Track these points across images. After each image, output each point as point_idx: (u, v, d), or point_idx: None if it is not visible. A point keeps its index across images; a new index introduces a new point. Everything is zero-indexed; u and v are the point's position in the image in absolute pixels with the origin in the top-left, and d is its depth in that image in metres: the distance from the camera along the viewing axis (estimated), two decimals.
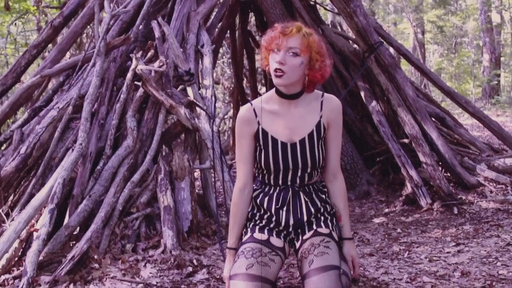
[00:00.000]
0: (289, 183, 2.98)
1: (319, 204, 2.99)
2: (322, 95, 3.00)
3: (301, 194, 2.98)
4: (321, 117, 2.95)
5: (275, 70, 2.79)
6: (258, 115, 2.97)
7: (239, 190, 3.03)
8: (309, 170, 2.95)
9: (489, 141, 9.01)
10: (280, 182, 2.99)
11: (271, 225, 2.97)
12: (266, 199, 3.00)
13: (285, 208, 2.97)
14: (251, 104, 3.02)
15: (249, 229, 3.00)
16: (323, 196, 3.03)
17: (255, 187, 3.08)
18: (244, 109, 3.01)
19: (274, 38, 2.82)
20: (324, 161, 3.03)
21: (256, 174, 3.11)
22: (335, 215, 3.04)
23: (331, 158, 3.02)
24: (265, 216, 2.99)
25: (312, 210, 2.97)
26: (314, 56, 2.85)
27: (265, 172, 3.00)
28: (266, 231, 2.95)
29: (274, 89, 2.96)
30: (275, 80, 2.83)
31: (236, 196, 3.05)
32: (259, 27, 9.02)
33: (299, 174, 2.96)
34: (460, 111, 14.04)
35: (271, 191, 3.00)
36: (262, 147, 2.94)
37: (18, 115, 8.59)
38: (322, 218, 2.97)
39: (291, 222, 2.96)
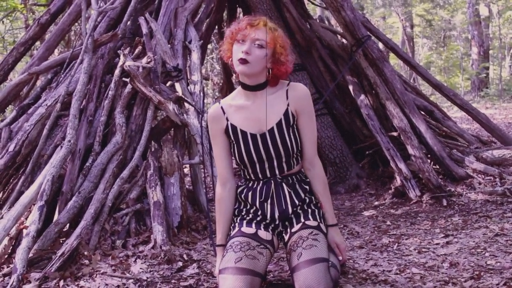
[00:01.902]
0: (269, 175, 3.00)
1: (303, 195, 3.02)
2: (288, 84, 3.04)
3: (284, 185, 3.01)
4: (288, 105, 2.98)
5: (240, 59, 2.83)
6: (226, 111, 3.02)
7: (220, 187, 3.09)
8: (284, 159, 2.99)
9: (478, 133, 9.06)
10: (260, 175, 3.02)
11: (258, 219, 2.99)
12: (250, 193, 3.03)
13: (269, 201, 3.00)
14: (219, 103, 3.10)
15: (236, 224, 3.02)
16: (307, 187, 3.05)
17: (239, 183, 3.11)
18: (212, 108, 3.09)
19: (241, 29, 2.88)
20: (300, 149, 3.05)
21: (239, 172, 3.14)
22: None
23: (306, 146, 3.05)
24: (251, 210, 3.02)
25: (296, 201, 2.99)
26: (279, 50, 2.93)
27: (242, 166, 3.04)
28: (253, 225, 2.97)
29: (240, 85, 3.03)
30: (238, 68, 2.89)
31: (218, 193, 3.10)
32: None
33: (275, 164, 2.99)
34: (449, 104, 14.10)
35: (255, 185, 3.03)
36: (234, 142, 3.00)
37: (7, 113, 8.56)
38: (310, 210, 2.99)
39: (277, 214, 2.98)
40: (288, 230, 2.97)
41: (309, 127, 3.05)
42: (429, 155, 6.19)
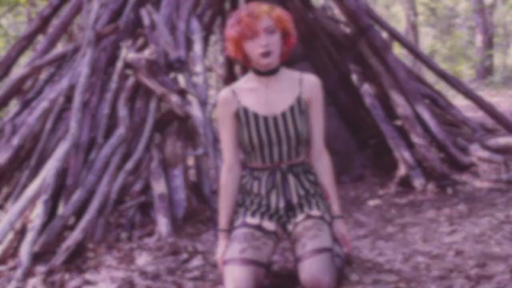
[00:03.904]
0: (276, 160, 2.98)
1: (308, 185, 3.01)
2: (301, 74, 3.05)
3: (290, 176, 3.00)
4: (301, 93, 2.99)
5: (262, 53, 2.82)
6: (238, 94, 3.02)
7: (226, 172, 3.08)
8: (294, 144, 2.97)
9: (483, 121, 9.02)
10: (268, 159, 2.99)
11: (262, 209, 2.99)
12: (256, 183, 3.02)
13: (274, 191, 2.99)
14: (231, 86, 3.08)
15: (240, 215, 3.02)
16: (312, 177, 3.06)
17: (244, 173, 3.10)
18: (223, 91, 3.08)
19: (247, 25, 2.85)
20: (309, 139, 3.05)
21: (244, 159, 3.13)
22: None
23: (315, 137, 3.06)
24: (256, 201, 3.01)
25: (302, 192, 2.99)
26: (287, 25, 2.95)
27: (250, 149, 3.01)
28: (257, 216, 2.97)
29: (250, 72, 3.03)
30: (264, 61, 2.87)
31: (224, 177, 3.10)
32: None
33: (285, 149, 2.97)
34: (454, 93, 14.03)
35: (260, 175, 3.02)
36: (244, 124, 2.97)
37: (10, 107, 8.56)
38: (314, 200, 2.99)
39: (281, 204, 2.98)
40: (292, 220, 2.96)
41: (319, 117, 3.07)
42: (433, 143, 6.17)
